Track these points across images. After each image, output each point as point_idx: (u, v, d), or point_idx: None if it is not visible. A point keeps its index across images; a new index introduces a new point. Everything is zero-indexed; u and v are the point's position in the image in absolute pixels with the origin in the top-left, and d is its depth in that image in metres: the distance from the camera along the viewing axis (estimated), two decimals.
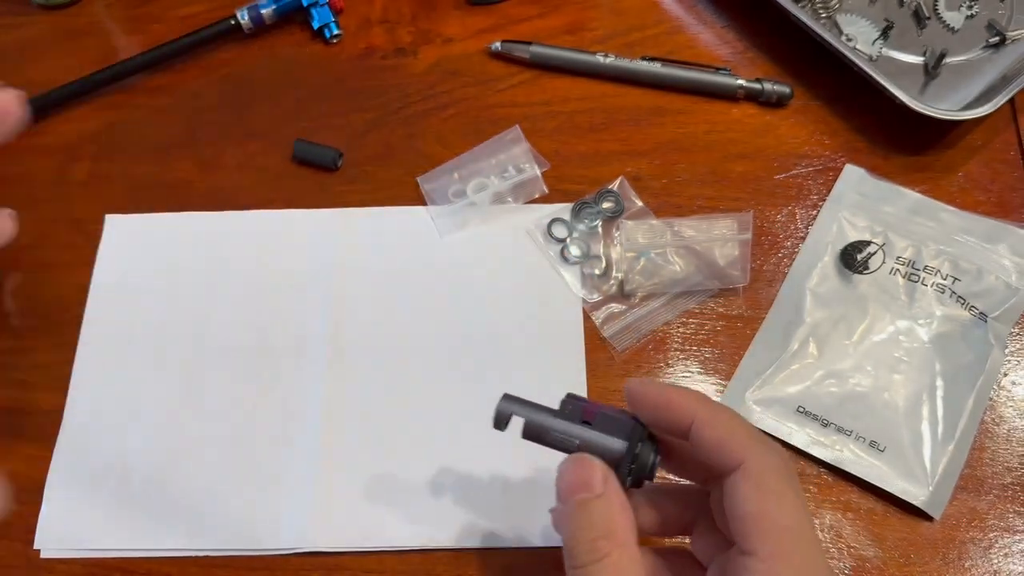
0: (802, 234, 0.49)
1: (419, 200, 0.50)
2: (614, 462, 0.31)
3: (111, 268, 0.49)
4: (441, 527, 0.42)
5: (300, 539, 0.42)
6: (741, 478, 0.29)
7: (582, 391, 0.45)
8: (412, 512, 0.43)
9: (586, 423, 0.32)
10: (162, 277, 0.49)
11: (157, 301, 0.48)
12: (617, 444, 0.32)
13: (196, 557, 0.42)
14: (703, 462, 0.30)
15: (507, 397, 0.34)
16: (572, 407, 0.33)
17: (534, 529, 0.42)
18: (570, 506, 0.31)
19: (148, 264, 0.49)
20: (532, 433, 0.33)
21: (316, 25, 0.56)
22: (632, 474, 0.32)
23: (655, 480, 0.33)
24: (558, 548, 0.42)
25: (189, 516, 0.43)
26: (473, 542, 0.42)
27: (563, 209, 0.50)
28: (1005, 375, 0.46)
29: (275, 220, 0.50)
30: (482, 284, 0.48)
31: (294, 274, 0.48)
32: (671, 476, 0.37)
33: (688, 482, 0.35)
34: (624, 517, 0.30)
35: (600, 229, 0.49)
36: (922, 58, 0.54)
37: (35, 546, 0.42)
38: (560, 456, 0.32)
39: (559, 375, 0.46)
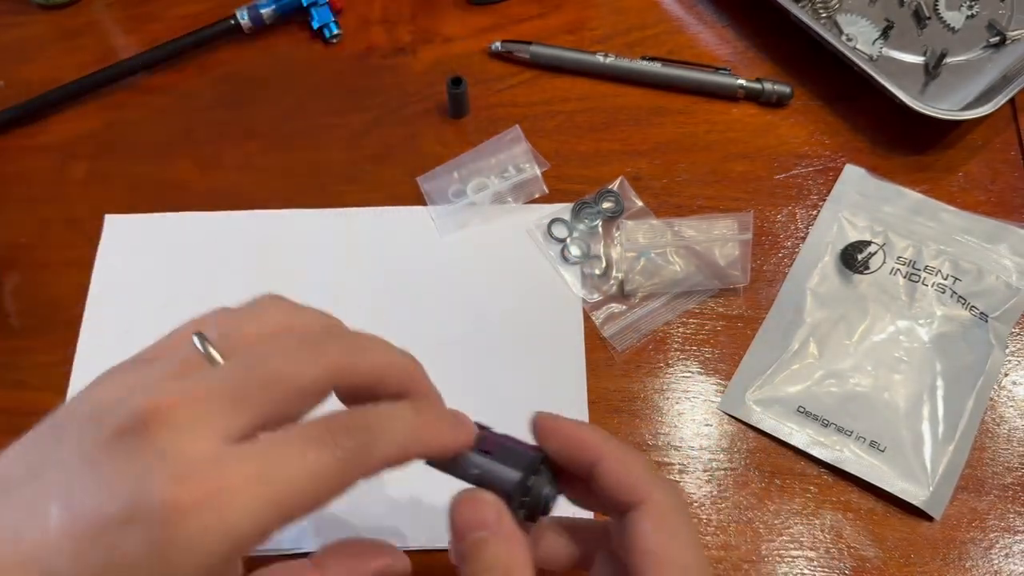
0: (802, 234, 0.49)
1: (419, 200, 0.50)
2: (506, 493, 0.31)
3: (111, 268, 0.49)
4: (441, 527, 0.42)
5: (299, 540, 0.42)
6: (643, 515, 0.30)
7: (582, 391, 0.45)
8: (412, 512, 0.43)
9: (487, 453, 0.32)
10: (162, 277, 0.49)
11: (157, 301, 0.48)
12: (511, 475, 0.31)
13: None
14: (606, 499, 0.31)
15: None
16: (476, 437, 0.32)
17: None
18: (466, 544, 0.30)
19: (148, 264, 0.49)
20: (434, 460, 0.32)
21: (316, 25, 0.56)
22: (525, 507, 0.31)
23: (553, 514, 0.32)
24: None
25: None
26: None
27: (563, 209, 0.50)
28: (1005, 375, 0.46)
29: (275, 220, 0.50)
30: (482, 284, 0.48)
31: (294, 274, 0.48)
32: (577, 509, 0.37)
33: (588, 515, 0.35)
34: (520, 553, 0.30)
35: (600, 229, 0.49)
36: (922, 58, 0.54)
37: None
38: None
39: (559, 375, 0.45)
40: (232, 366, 0.25)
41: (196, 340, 0.26)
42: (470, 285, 0.48)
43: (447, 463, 0.32)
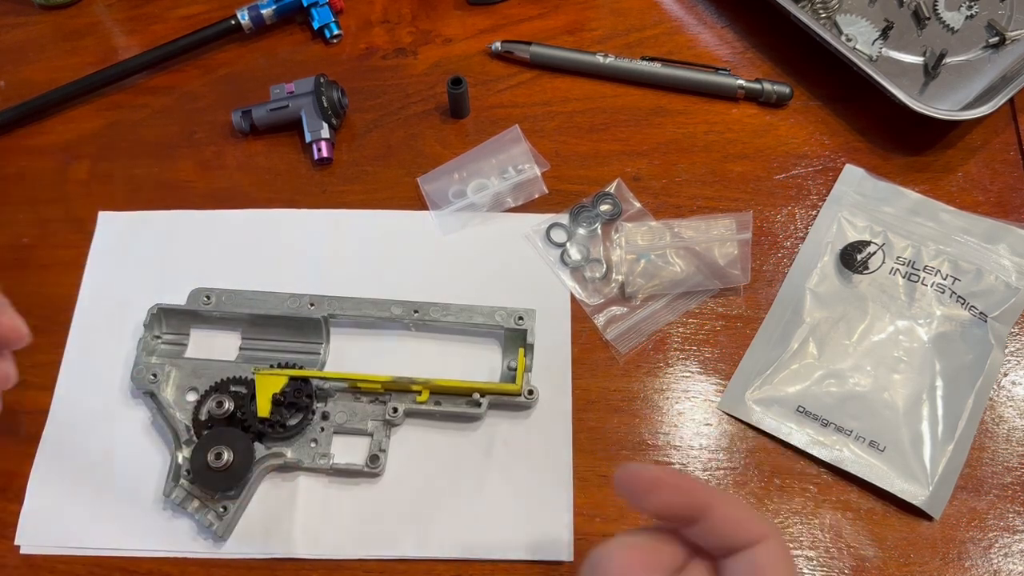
0: (802, 234, 0.49)
1: (419, 200, 0.50)
2: (317, 110, 0.50)
3: (103, 264, 0.49)
4: (441, 535, 0.42)
5: (290, 546, 0.42)
6: (763, 552, 0.30)
7: (567, 390, 0.45)
8: (411, 517, 0.43)
9: (289, 94, 0.52)
10: (155, 274, 0.48)
11: (149, 298, 0.47)
12: (309, 99, 0.51)
13: (196, 557, 0.42)
14: (715, 541, 0.31)
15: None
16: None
17: (535, 540, 0.42)
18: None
19: (141, 260, 0.49)
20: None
21: (316, 25, 0.56)
22: (332, 113, 0.49)
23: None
24: (556, 563, 0.42)
25: (170, 519, 0.42)
26: (473, 554, 0.42)
27: (562, 214, 0.50)
28: (1005, 375, 0.46)
29: (271, 219, 0.50)
30: (481, 288, 0.48)
31: (291, 274, 0.48)
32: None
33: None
34: None
35: (599, 232, 0.49)
36: (922, 58, 0.54)
37: (15, 542, 0.42)
38: None
39: (549, 377, 0.45)
40: None
41: None
42: (468, 289, 0.48)
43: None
